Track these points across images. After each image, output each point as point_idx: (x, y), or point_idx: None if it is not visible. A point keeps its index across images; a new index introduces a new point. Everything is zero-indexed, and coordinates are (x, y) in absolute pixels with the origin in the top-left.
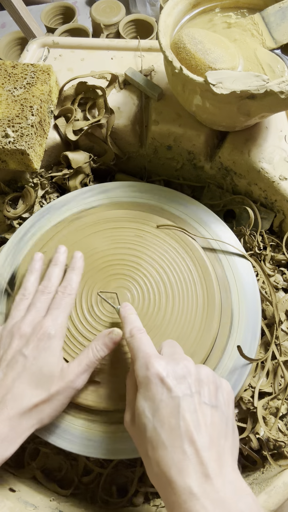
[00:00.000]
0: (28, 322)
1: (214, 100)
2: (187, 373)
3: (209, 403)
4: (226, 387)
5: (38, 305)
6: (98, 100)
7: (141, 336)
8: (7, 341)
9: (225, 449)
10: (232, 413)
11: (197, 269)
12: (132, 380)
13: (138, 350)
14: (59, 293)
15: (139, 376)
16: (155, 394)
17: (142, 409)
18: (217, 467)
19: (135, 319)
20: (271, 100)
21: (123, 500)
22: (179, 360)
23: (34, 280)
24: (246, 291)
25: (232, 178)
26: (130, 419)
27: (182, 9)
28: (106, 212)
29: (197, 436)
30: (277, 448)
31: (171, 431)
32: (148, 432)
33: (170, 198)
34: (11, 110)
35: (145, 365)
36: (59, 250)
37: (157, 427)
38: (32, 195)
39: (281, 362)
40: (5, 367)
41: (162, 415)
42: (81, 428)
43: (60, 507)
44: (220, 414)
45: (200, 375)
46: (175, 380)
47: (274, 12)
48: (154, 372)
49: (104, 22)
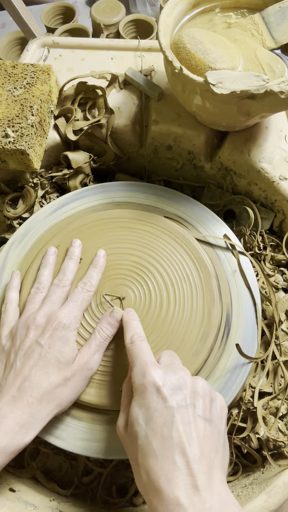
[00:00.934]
0: (43, 313)
1: (214, 100)
2: (183, 384)
3: (203, 416)
4: (220, 401)
5: (53, 298)
6: (98, 100)
7: (141, 343)
8: (23, 332)
9: (215, 462)
10: (224, 428)
11: (197, 269)
12: (129, 386)
13: (137, 357)
14: (79, 288)
15: (135, 383)
16: (150, 402)
17: (136, 416)
18: (206, 479)
19: (137, 325)
20: (271, 100)
21: (123, 500)
22: (176, 371)
23: (48, 274)
24: (246, 291)
25: (232, 178)
26: (123, 425)
27: (182, 9)
28: (106, 212)
29: (189, 448)
30: (277, 448)
31: (163, 440)
32: (140, 440)
33: (170, 198)
34: (11, 110)
35: (142, 373)
36: (74, 244)
37: (149, 435)
38: (32, 195)
39: (281, 362)
40: (22, 356)
41: (155, 424)
42: (82, 428)
43: (60, 507)
44: (212, 428)
45: (196, 387)
46: (171, 390)
47: (274, 12)
48: (150, 380)
49: (104, 22)
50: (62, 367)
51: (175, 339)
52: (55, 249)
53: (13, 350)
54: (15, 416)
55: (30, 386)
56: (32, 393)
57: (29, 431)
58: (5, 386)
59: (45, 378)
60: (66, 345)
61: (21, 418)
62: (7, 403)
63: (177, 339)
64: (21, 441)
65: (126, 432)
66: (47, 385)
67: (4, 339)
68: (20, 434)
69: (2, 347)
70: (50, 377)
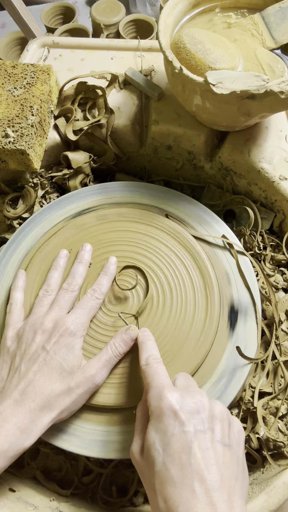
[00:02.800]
0: (51, 318)
1: (214, 100)
2: (201, 407)
3: (221, 441)
4: (238, 426)
5: (61, 303)
6: (98, 100)
7: (157, 365)
8: (30, 336)
9: (235, 490)
10: (243, 453)
11: (197, 268)
12: (144, 409)
13: (153, 379)
14: (88, 294)
15: (151, 406)
16: (167, 427)
17: (153, 441)
18: (226, 508)
19: (153, 346)
20: (271, 100)
21: (123, 500)
22: (193, 394)
23: (58, 276)
24: (246, 291)
25: (232, 178)
26: (138, 449)
27: (182, 9)
28: (106, 212)
29: (208, 475)
30: (277, 448)
31: (182, 467)
32: (157, 466)
33: (170, 198)
34: (11, 110)
35: (158, 396)
36: (85, 248)
37: (167, 461)
38: (32, 195)
39: (281, 362)
40: (28, 361)
41: (173, 450)
42: (82, 428)
43: (60, 507)
44: (232, 454)
45: (214, 411)
46: (188, 414)
47: (274, 12)
48: (167, 404)
49: (104, 22)
50: (65, 375)
51: (178, 339)
52: (66, 252)
53: (19, 353)
54: (17, 421)
55: (33, 391)
56: (34, 399)
57: (29, 437)
58: (8, 389)
59: (49, 385)
60: (71, 353)
61: (23, 423)
62: (9, 407)
63: (180, 338)
64: (21, 446)
65: (142, 458)
66: (50, 392)
67: (9, 341)
68: (21, 439)
69: (7, 349)
70: (54, 384)
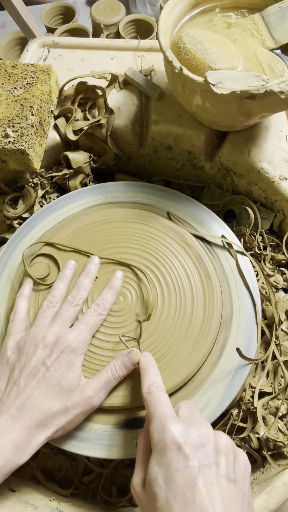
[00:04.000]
0: (53, 332)
1: (214, 100)
2: (206, 440)
3: (226, 476)
4: (243, 459)
5: (64, 317)
6: (98, 100)
7: (159, 394)
8: (31, 349)
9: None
10: (249, 488)
11: (197, 269)
12: (146, 440)
13: (155, 409)
14: (91, 310)
15: (154, 438)
16: (170, 461)
17: (155, 475)
18: None
19: (155, 373)
20: (271, 100)
21: (123, 500)
22: (198, 426)
23: (63, 288)
24: (246, 291)
25: (232, 178)
26: (139, 483)
27: (182, 9)
28: (106, 212)
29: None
30: (276, 448)
31: (185, 504)
32: (159, 502)
33: (170, 198)
34: (11, 110)
35: (161, 428)
36: (93, 261)
37: (169, 497)
38: (32, 195)
39: (281, 362)
40: (27, 375)
41: (176, 485)
42: (82, 428)
43: (60, 507)
44: (237, 489)
45: (219, 444)
46: (192, 447)
47: (274, 12)
48: (171, 437)
49: (104, 22)
50: (63, 394)
51: (177, 339)
52: (74, 263)
53: (18, 366)
54: (13, 437)
55: (31, 408)
56: (31, 416)
57: (24, 454)
58: (6, 403)
59: (46, 402)
60: (70, 370)
61: (19, 440)
62: (6, 422)
63: (178, 339)
64: (16, 462)
65: (144, 492)
66: (47, 410)
67: (9, 351)
68: (16, 456)
69: (7, 359)
70: (51, 402)
